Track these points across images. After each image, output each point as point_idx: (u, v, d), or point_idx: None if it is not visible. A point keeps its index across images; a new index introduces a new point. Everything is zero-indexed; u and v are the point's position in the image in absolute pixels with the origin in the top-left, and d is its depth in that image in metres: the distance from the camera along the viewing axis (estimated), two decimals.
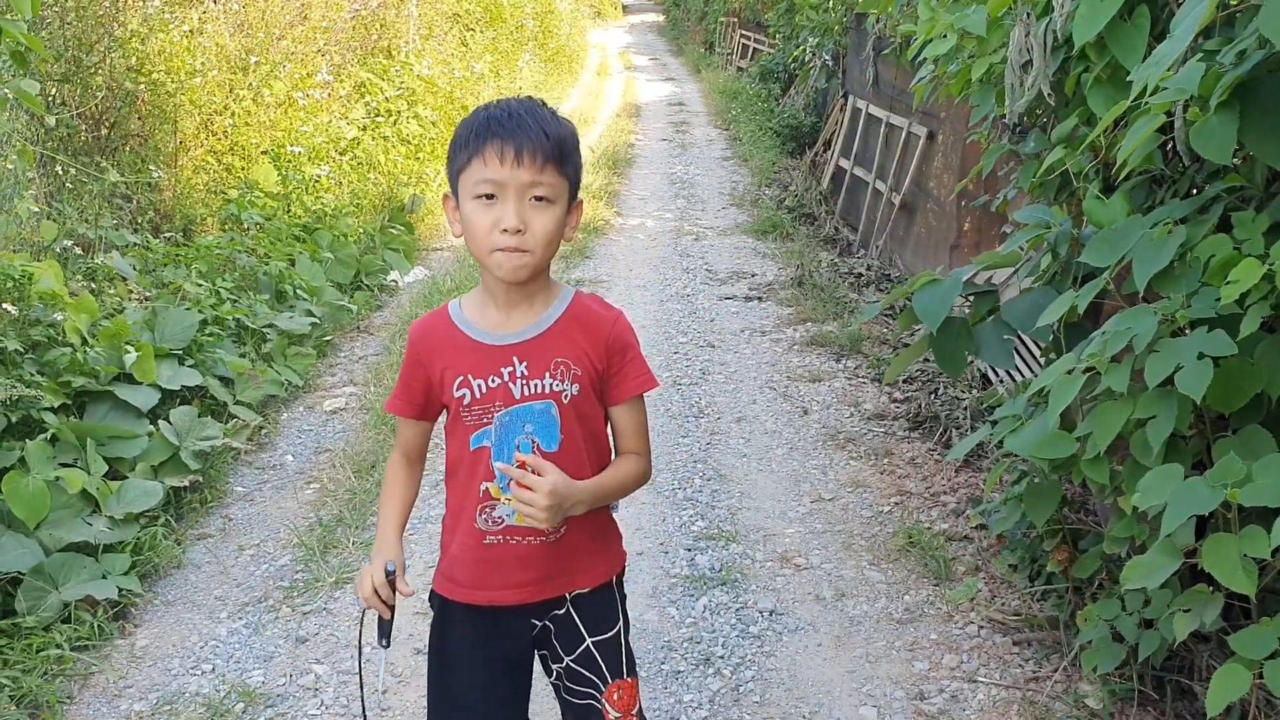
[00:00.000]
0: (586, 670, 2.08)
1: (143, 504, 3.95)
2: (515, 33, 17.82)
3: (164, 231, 6.63)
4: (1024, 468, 3.39)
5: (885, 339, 6.14)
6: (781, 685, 3.17)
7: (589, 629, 2.06)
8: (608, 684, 2.08)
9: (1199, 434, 2.47)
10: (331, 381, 5.74)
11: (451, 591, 2.02)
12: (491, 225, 1.80)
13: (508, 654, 2.08)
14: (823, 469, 4.58)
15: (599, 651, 2.07)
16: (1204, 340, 2.09)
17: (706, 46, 24.48)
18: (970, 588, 3.54)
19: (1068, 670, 3.10)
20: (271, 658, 3.38)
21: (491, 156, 1.78)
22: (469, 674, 2.06)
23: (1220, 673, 2.07)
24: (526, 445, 1.91)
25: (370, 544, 3.93)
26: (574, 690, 2.10)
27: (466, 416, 1.92)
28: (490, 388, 1.91)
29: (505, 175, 1.78)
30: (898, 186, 7.67)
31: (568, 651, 2.07)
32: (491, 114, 1.82)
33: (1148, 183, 2.75)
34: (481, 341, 1.92)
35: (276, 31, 8.79)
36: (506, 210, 1.80)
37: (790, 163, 11.70)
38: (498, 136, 1.79)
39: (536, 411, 1.92)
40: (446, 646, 2.08)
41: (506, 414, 1.91)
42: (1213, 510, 2.04)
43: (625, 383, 1.99)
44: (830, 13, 10.55)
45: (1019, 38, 2.96)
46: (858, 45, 9.40)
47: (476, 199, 1.81)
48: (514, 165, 1.78)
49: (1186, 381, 2.04)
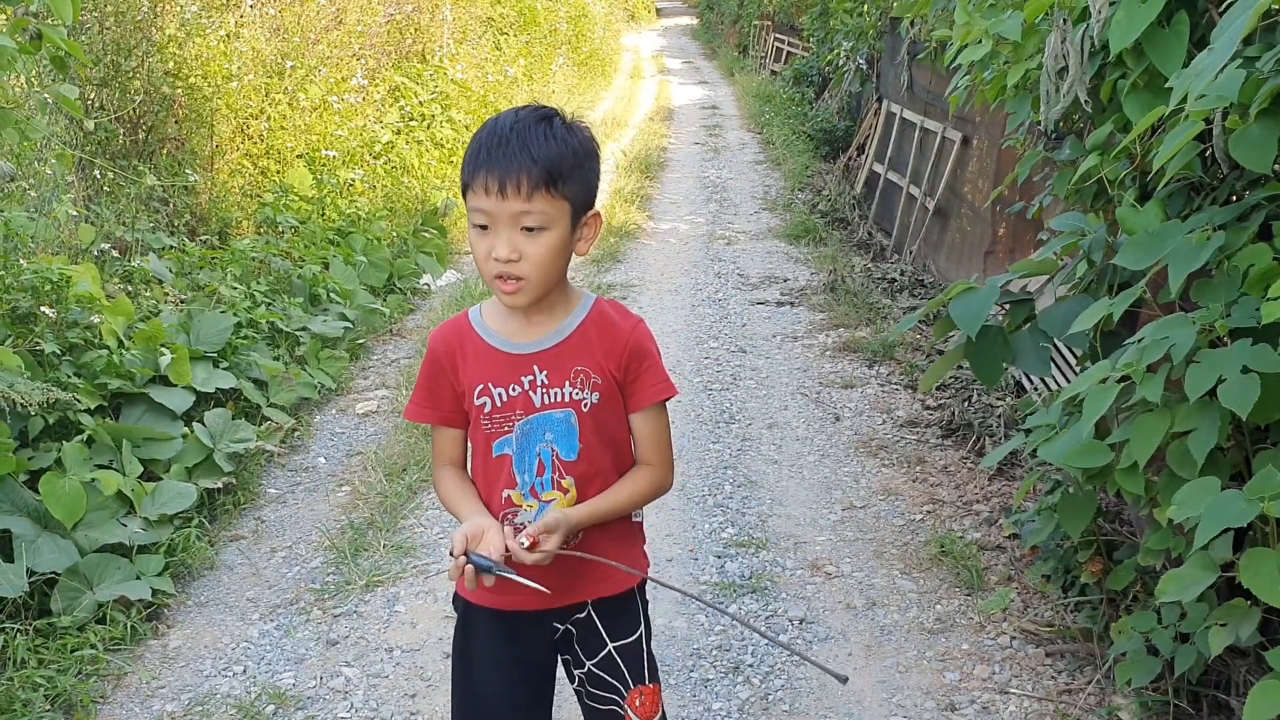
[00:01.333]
0: (608, 675, 2.07)
1: (177, 505, 3.98)
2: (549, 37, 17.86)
3: (200, 235, 6.70)
4: (1058, 477, 3.36)
5: (919, 345, 6.10)
6: (811, 694, 3.15)
7: (610, 634, 2.06)
8: (629, 690, 2.08)
9: (1237, 446, 2.44)
10: (364, 384, 5.77)
11: (474, 596, 2.00)
12: (486, 253, 1.80)
13: (530, 657, 2.08)
14: (854, 476, 4.56)
15: (620, 657, 2.07)
16: (1247, 353, 2.05)
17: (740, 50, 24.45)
18: (1003, 598, 3.51)
19: (1101, 683, 3.07)
20: (302, 660, 3.40)
21: (479, 187, 1.77)
22: (492, 677, 2.07)
23: (1258, 688, 2.04)
24: (546, 454, 1.93)
25: (401, 546, 3.96)
26: (596, 695, 2.10)
27: (487, 424, 1.93)
28: (511, 396, 1.91)
29: (493, 206, 1.77)
30: (932, 192, 7.63)
31: (589, 656, 2.06)
32: (483, 140, 1.80)
33: (1185, 190, 2.71)
34: (503, 350, 1.93)
35: (312, 36, 8.85)
36: (498, 240, 1.79)
37: (823, 167, 11.66)
38: (483, 167, 1.77)
39: (556, 420, 1.92)
40: (470, 650, 2.08)
41: (527, 422, 1.92)
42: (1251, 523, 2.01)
43: (643, 391, 1.99)
44: (865, 16, 10.51)
45: (1055, 43, 2.93)
46: (892, 49, 9.35)
47: (474, 226, 1.82)
48: (499, 197, 1.76)
49: (1230, 396, 2.01)
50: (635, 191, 10.82)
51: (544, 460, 1.92)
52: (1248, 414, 1.99)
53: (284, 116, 8.15)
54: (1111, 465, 2.56)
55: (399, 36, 10.90)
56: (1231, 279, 2.23)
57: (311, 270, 6.36)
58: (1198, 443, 2.18)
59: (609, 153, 12.92)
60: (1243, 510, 1.98)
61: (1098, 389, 2.32)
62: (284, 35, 8.53)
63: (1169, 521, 2.36)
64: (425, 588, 3.77)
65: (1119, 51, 2.59)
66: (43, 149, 5.25)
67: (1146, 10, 2.48)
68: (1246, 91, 2.03)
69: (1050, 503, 3.24)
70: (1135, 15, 2.51)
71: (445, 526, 4.18)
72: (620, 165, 12.20)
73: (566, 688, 2.18)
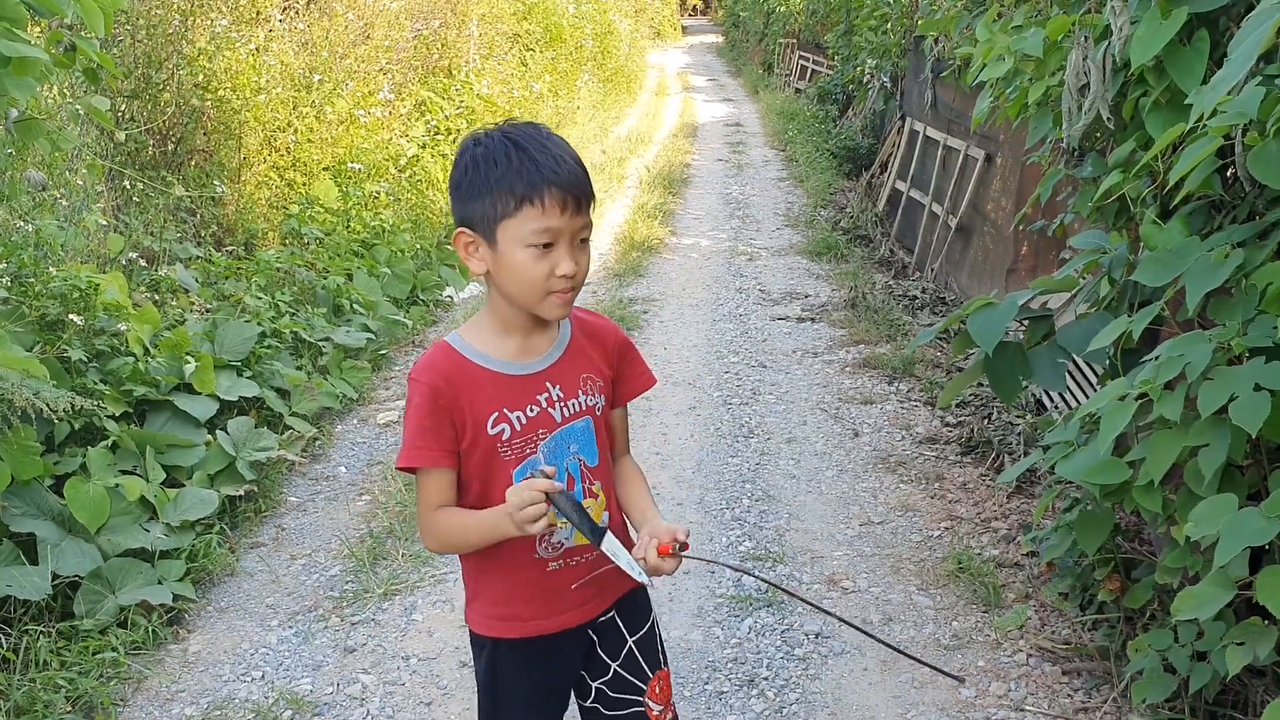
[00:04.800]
0: (631, 675, 2.07)
1: (199, 512, 4.02)
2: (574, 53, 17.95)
3: (226, 245, 6.77)
4: (1077, 495, 3.36)
5: (939, 362, 6.10)
6: (826, 709, 3.15)
7: (630, 628, 2.07)
8: (649, 680, 2.09)
9: (1255, 464, 2.43)
10: (385, 395, 5.80)
11: (512, 630, 1.96)
12: (547, 272, 1.77)
13: (559, 683, 2.08)
14: (872, 492, 4.55)
15: (640, 650, 2.08)
16: (1260, 371, 2.06)
17: (765, 68, 24.49)
18: (1020, 615, 3.49)
19: (1117, 701, 3.05)
20: (320, 666, 3.42)
21: (552, 205, 1.74)
22: (528, 711, 2.05)
23: (1273, 706, 2.03)
24: (575, 466, 1.92)
25: (419, 556, 3.98)
26: (617, 701, 2.08)
27: (505, 451, 1.86)
28: (530, 417, 1.87)
29: (564, 223, 1.76)
30: (954, 209, 7.62)
31: (613, 657, 2.06)
32: (538, 160, 1.75)
33: (1207, 208, 2.71)
34: (509, 373, 1.87)
35: (340, 50, 8.94)
36: (563, 257, 1.77)
37: (846, 184, 11.67)
38: (555, 185, 1.74)
39: (578, 430, 1.93)
40: (501, 692, 2.03)
41: (551, 440, 1.89)
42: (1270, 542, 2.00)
43: (631, 383, 2.05)
44: (889, 34, 10.52)
45: (1076, 60, 2.94)
46: (916, 67, 9.36)
47: (530, 247, 1.76)
48: (571, 214, 1.76)
49: (1241, 413, 2.01)
50: (658, 207, 10.85)
51: (573, 473, 1.92)
52: (1257, 431, 1.99)
53: (310, 129, 8.23)
54: (1129, 482, 2.55)
55: (426, 52, 10.99)
56: (1250, 297, 2.23)
57: (335, 281, 6.41)
58: (1208, 459, 2.18)
59: (632, 169, 12.97)
60: (1261, 529, 1.98)
61: (1115, 406, 2.33)
62: (312, 49, 8.62)
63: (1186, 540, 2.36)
64: (443, 597, 3.79)
65: (1140, 68, 2.59)
66: (74, 159, 5.32)
67: (1167, 27, 2.49)
68: (1266, 108, 2.04)
69: (1068, 520, 3.23)
70: (1156, 32, 2.51)
71: None
72: (644, 181, 12.24)
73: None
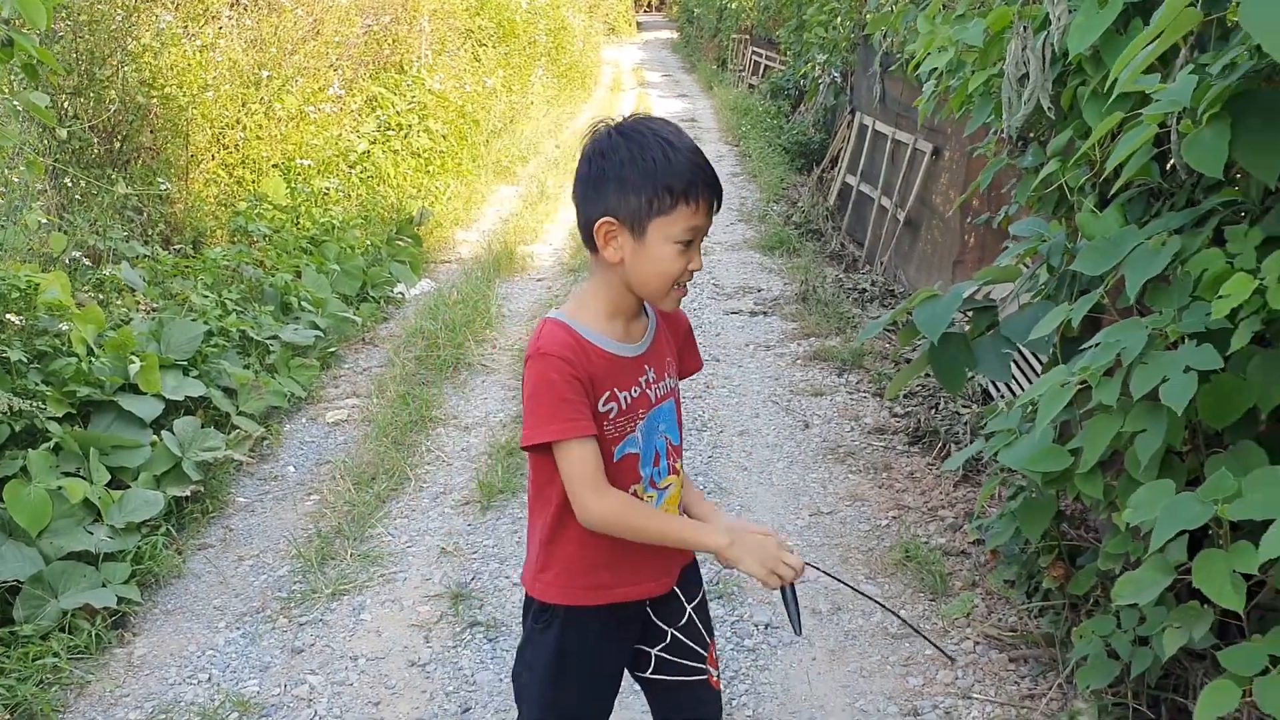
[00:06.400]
0: (691, 639, 2.17)
1: (144, 513, 3.96)
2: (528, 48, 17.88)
3: (174, 243, 6.68)
4: (1021, 483, 3.38)
5: (886, 354, 6.13)
6: (775, 699, 3.16)
7: (687, 596, 2.17)
8: (708, 646, 2.20)
9: (1194, 450, 2.46)
10: (335, 393, 5.76)
11: (593, 597, 2.03)
12: (683, 267, 1.90)
13: (625, 654, 2.16)
14: (822, 483, 4.57)
15: (698, 616, 2.19)
16: (1191, 354, 2.08)
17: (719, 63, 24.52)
18: (966, 603, 3.52)
19: (1063, 687, 3.08)
20: (267, 668, 3.38)
21: (703, 206, 1.87)
22: (592, 681, 2.12)
23: (1209, 689, 2.05)
24: (662, 444, 2.04)
25: (368, 555, 3.95)
26: (680, 667, 2.17)
27: (609, 429, 1.95)
28: (634, 398, 1.98)
29: (706, 223, 1.90)
30: (903, 203, 7.67)
31: (671, 622, 2.15)
32: (695, 161, 1.88)
33: (1145, 196, 2.74)
34: (622, 355, 1.97)
35: (289, 46, 8.85)
36: (697, 255, 1.91)
37: (798, 179, 11.71)
38: (710, 188, 1.88)
39: (666, 410, 2.05)
40: (569, 661, 2.07)
41: (647, 419, 2.01)
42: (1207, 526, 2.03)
43: (687, 361, 2.19)
44: (839, 30, 10.57)
45: (1016, 51, 2.96)
46: (865, 62, 9.41)
47: (676, 244, 1.87)
48: (711, 215, 1.91)
49: (1171, 394, 2.03)
50: None
51: (660, 450, 2.04)
52: (1182, 411, 2.02)
53: (260, 126, 8.14)
54: (1071, 469, 2.58)
55: (377, 47, 10.91)
56: (1185, 284, 2.26)
57: (284, 278, 6.34)
58: (1145, 444, 2.21)
59: None
60: (1198, 512, 2.00)
61: (1053, 392, 2.35)
62: (261, 46, 8.53)
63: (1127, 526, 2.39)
64: (391, 596, 3.76)
65: (1078, 58, 2.62)
66: (14, 157, 5.23)
67: (1103, 16, 2.51)
68: (1199, 96, 2.06)
69: (1012, 508, 3.25)
70: (1092, 22, 2.53)
71: (413, 535, 4.17)
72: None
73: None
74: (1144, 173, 2.49)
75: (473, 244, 9.36)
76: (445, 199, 9.94)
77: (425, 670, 3.35)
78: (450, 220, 9.73)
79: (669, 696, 2.21)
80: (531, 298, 7.74)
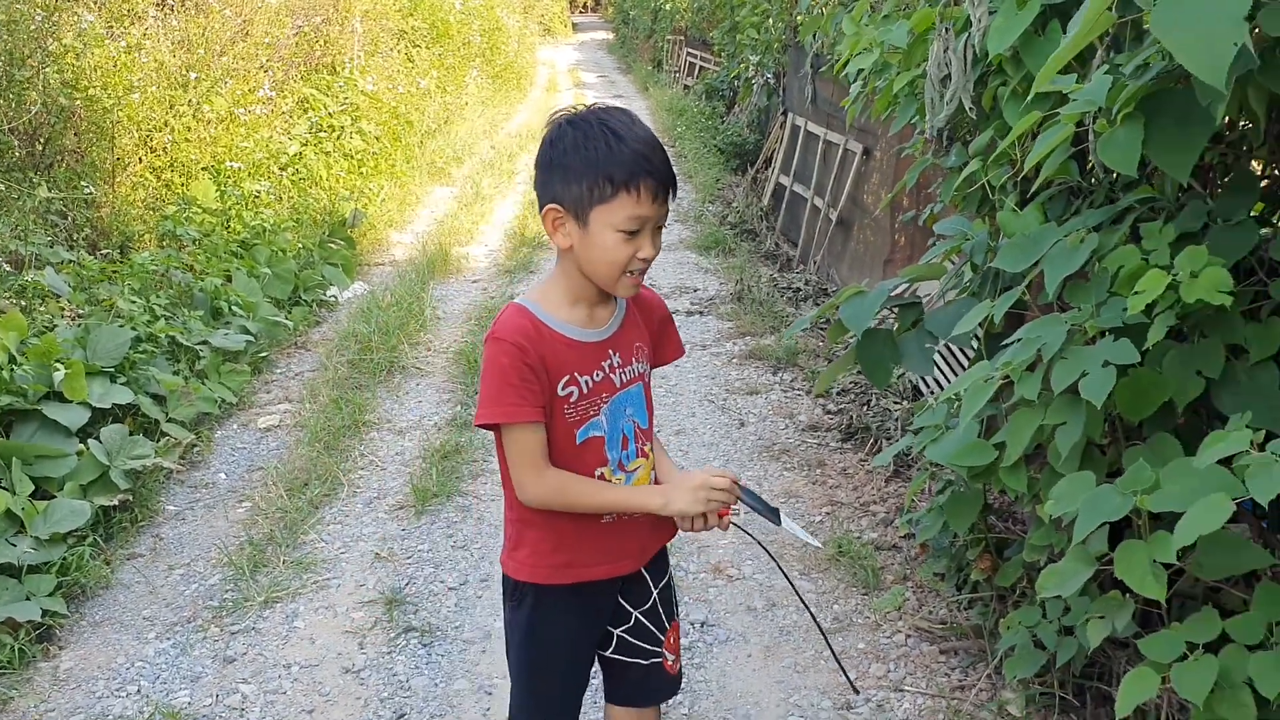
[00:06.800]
0: (651, 623, 2.22)
1: (70, 524, 3.89)
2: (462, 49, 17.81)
3: (101, 248, 6.56)
4: (950, 477, 3.43)
5: (819, 352, 6.19)
6: (710, 697, 3.18)
7: (654, 579, 2.22)
8: (666, 631, 2.24)
9: (1114, 442, 2.51)
10: (266, 399, 5.69)
11: (565, 575, 2.07)
12: (631, 255, 1.92)
13: (597, 631, 2.20)
14: (758, 480, 4.60)
15: (661, 600, 2.23)
16: (1109, 348, 2.12)
17: (654, 64, 24.54)
18: (897, 596, 3.56)
19: (992, 678, 3.13)
20: (199, 678, 3.34)
21: (646, 195, 1.88)
22: (566, 658, 2.17)
23: (1130, 676, 2.10)
24: (629, 428, 2.08)
25: (301, 562, 3.91)
26: (637, 649, 2.22)
27: (570, 413, 1.99)
28: (596, 382, 2.02)
29: (653, 212, 1.91)
30: (835, 202, 7.74)
31: (636, 605, 2.19)
32: (639, 151, 1.88)
33: (1064, 194, 2.79)
34: (582, 340, 2.01)
35: (217, 48, 8.74)
36: (646, 243, 1.93)
37: (733, 179, 11.77)
38: (651, 176, 1.88)
39: (633, 395, 2.09)
40: (544, 639, 2.13)
41: (611, 404, 2.04)
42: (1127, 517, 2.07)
43: (665, 351, 2.23)
44: (771, 31, 10.63)
45: (938, 52, 3.00)
46: (797, 63, 9.48)
47: (620, 232, 1.89)
48: (661, 203, 1.91)
49: (1090, 388, 2.07)
50: None
51: (627, 434, 2.08)
52: (1101, 404, 2.06)
53: (188, 129, 8.03)
54: (996, 463, 2.62)
55: (308, 48, 10.79)
56: (1103, 280, 2.30)
57: (213, 283, 6.25)
58: (1065, 437, 2.25)
59: (523, 164, 12.89)
60: (1118, 504, 2.04)
61: (976, 387, 2.38)
62: (189, 47, 8.41)
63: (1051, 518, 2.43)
64: (325, 603, 3.73)
65: (998, 59, 2.66)
66: None
67: (1022, 18, 2.55)
68: (1113, 96, 2.10)
69: (941, 502, 3.30)
70: (1012, 23, 2.57)
71: (346, 541, 4.14)
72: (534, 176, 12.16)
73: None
74: (1063, 171, 2.53)
75: (407, 246, 9.30)
76: (379, 201, 9.85)
77: (360, 677, 3.32)
78: (384, 222, 9.65)
79: (622, 675, 2.26)
80: (467, 299, 7.71)
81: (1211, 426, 2.39)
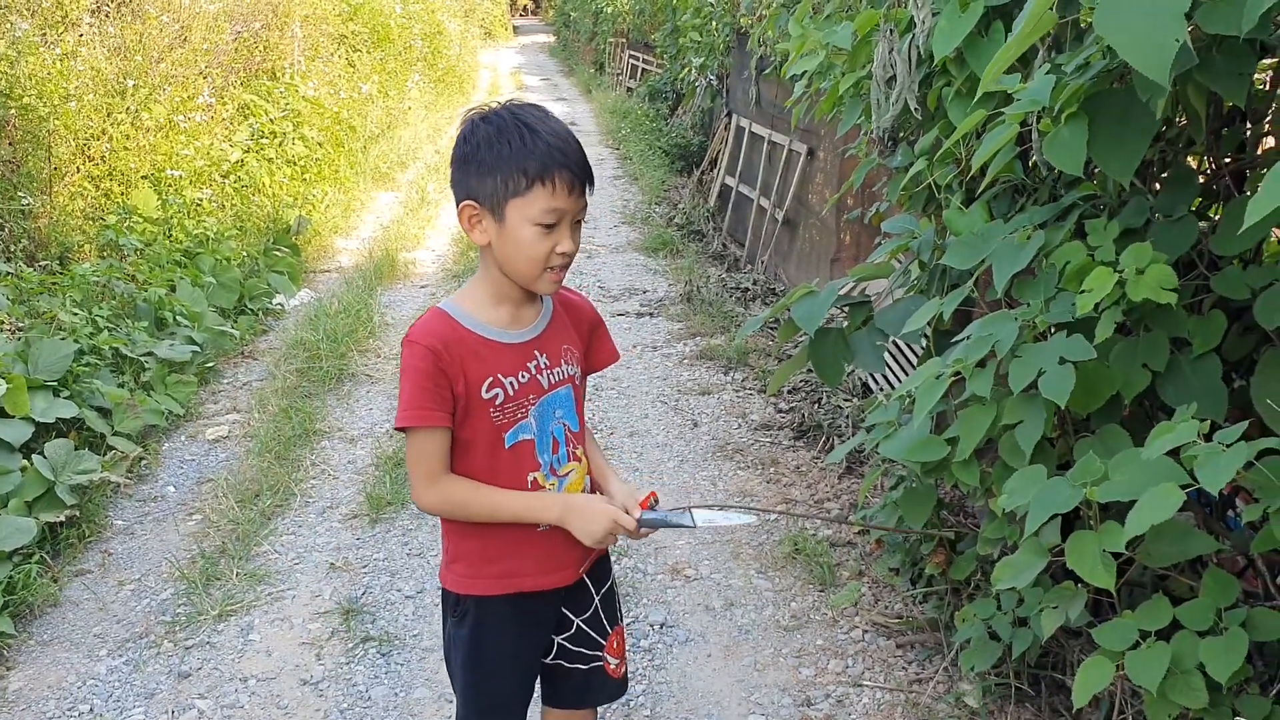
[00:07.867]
0: (593, 630, 2.20)
1: (15, 542, 3.82)
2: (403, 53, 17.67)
3: (39, 260, 6.44)
4: (902, 473, 3.47)
5: (769, 351, 6.23)
6: (672, 698, 3.19)
7: (596, 586, 2.20)
8: (608, 636, 2.22)
9: (1063, 435, 2.56)
10: (214, 409, 5.62)
11: (504, 586, 2.05)
12: (549, 250, 1.91)
13: (539, 639, 2.17)
14: (712, 480, 4.63)
15: (603, 607, 2.22)
16: (1064, 345, 2.16)
17: (597, 67, 24.54)
18: (853, 592, 3.60)
19: (948, 670, 3.17)
20: (153, 694, 3.29)
21: (561, 187, 1.87)
22: (510, 672, 2.14)
23: (1085, 665, 2.14)
24: (560, 430, 2.06)
25: (255, 574, 3.87)
26: (578, 655, 2.20)
27: (498, 416, 1.97)
28: (521, 383, 1.99)
29: (569, 205, 1.90)
30: (781, 203, 7.79)
31: (578, 613, 2.18)
32: (554, 144, 1.87)
33: (1010, 192, 2.83)
34: (504, 341, 1.99)
35: (155, 54, 8.60)
36: (564, 237, 1.92)
37: (679, 181, 11.80)
38: (565, 168, 1.87)
39: (562, 397, 2.06)
40: (485, 646, 2.10)
41: (539, 405, 2.02)
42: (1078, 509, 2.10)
43: (598, 356, 2.22)
44: (714, 34, 10.67)
45: (883, 53, 3.04)
46: (740, 65, 9.53)
47: (537, 226, 1.88)
48: (577, 196, 1.91)
49: (1050, 386, 2.11)
50: None
51: (558, 437, 2.05)
52: (1065, 402, 2.09)
53: (127, 137, 7.90)
54: (948, 458, 2.66)
55: (247, 54, 10.65)
56: (1050, 276, 2.35)
57: (157, 293, 6.16)
58: (1025, 434, 2.28)
59: None
60: (1069, 496, 2.08)
61: (929, 384, 2.41)
62: (125, 54, 8.27)
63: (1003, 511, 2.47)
64: (281, 615, 3.69)
65: (942, 60, 2.69)
66: None
67: (966, 20, 2.59)
68: (1056, 95, 2.14)
69: (894, 497, 3.34)
70: (956, 25, 2.61)
71: (300, 552, 4.10)
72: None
73: None
74: (1008, 170, 2.58)
75: (353, 252, 9.23)
76: (323, 207, 9.77)
77: (318, 688, 3.30)
78: (329, 229, 9.57)
79: (562, 680, 2.25)
80: (415, 305, 7.66)
81: (1156, 418, 2.45)
